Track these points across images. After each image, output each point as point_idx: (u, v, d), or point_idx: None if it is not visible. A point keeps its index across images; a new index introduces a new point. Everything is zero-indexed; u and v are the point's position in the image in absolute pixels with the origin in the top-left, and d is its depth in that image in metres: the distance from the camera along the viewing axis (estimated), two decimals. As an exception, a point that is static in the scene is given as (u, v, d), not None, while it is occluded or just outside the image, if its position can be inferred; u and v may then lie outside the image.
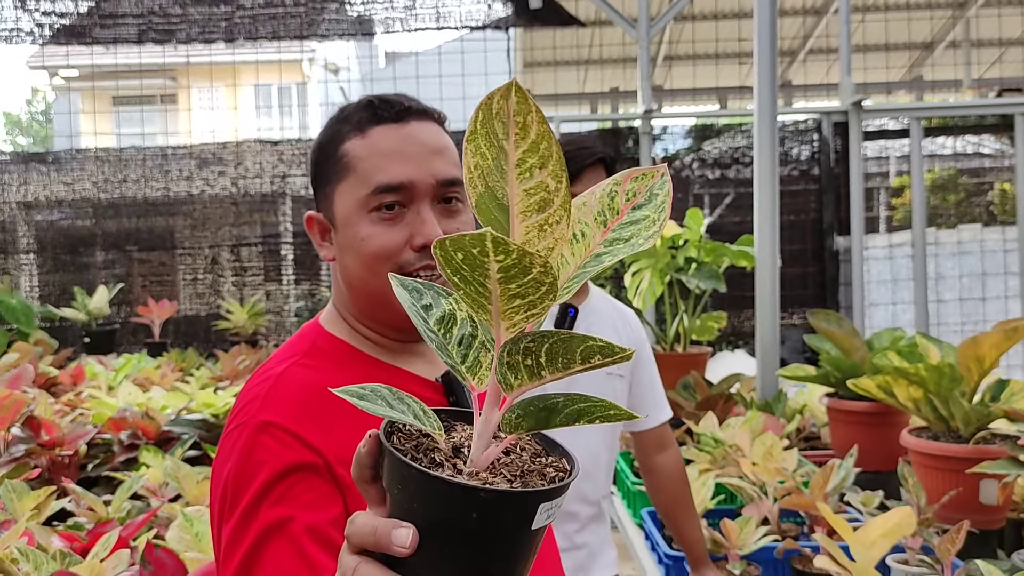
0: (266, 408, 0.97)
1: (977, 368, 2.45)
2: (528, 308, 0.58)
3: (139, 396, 3.92)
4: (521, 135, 0.57)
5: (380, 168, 1.03)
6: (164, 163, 6.86)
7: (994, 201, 8.36)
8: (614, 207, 0.65)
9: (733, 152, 6.83)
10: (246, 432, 0.96)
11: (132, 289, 7.05)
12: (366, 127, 1.05)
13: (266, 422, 0.95)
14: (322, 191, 1.10)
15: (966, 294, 6.44)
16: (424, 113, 1.08)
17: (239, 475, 0.93)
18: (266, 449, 0.94)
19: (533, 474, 0.63)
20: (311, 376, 1.01)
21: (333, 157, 1.07)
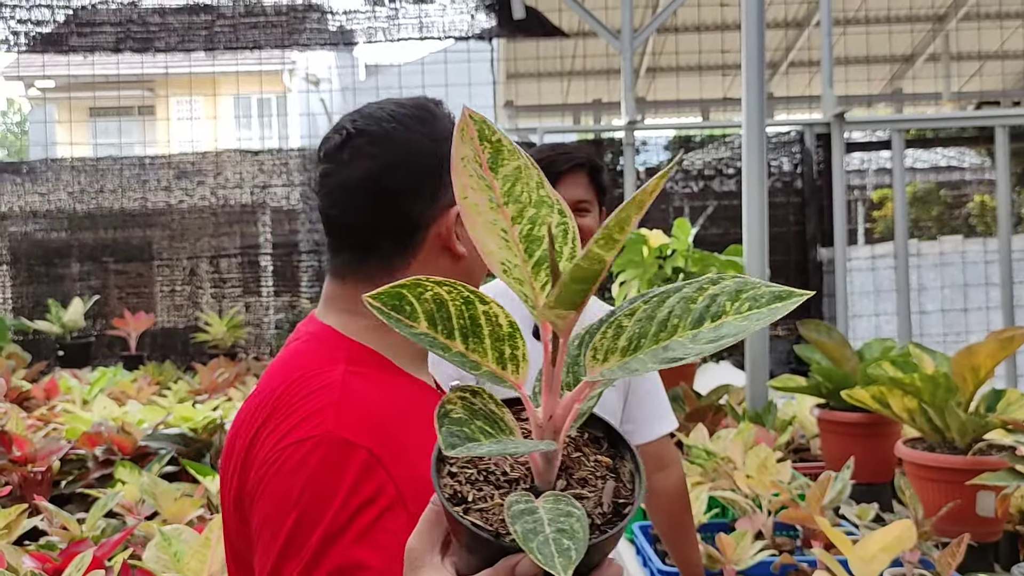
0: (342, 423, 0.89)
1: (972, 378, 2.42)
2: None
3: (115, 410, 3.83)
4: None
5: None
6: (142, 173, 6.76)
7: (973, 213, 8.43)
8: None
9: (716, 163, 6.83)
10: (323, 449, 0.87)
11: (108, 301, 6.92)
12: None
13: (347, 441, 0.87)
14: (441, 187, 1.04)
15: (948, 305, 6.46)
16: None
17: (317, 497, 0.85)
18: (350, 474, 0.86)
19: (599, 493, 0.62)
20: (370, 388, 0.95)
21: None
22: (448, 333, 0.63)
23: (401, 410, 0.95)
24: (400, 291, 0.62)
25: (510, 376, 0.63)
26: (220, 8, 6.49)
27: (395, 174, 1.02)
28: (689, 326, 0.59)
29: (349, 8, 6.72)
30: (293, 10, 6.71)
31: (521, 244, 0.62)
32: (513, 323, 0.63)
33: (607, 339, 0.61)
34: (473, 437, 0.59)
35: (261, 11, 6.58)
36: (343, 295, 1.05)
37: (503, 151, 0.63)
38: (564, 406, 0.62)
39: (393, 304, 0.62)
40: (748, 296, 0.59)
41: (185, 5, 6.49)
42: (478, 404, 0.62)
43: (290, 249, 7.00)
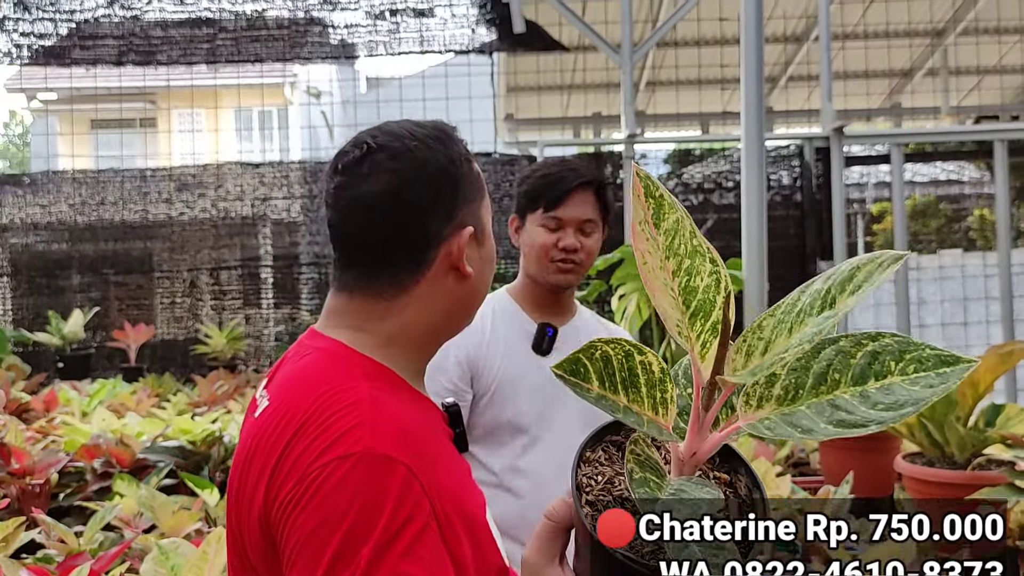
0: (379, 439, 0.89)
1: (972, 393, 2.42)
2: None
3: (113, 422, 3.82)
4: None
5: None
6: (143, 185, 6.77)
7: (973, 227, 8.44)
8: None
9: (716, 177, 6.85)
10: (365, 465, 0.87)
11: (108, 313, 6.92)
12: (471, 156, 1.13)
13: (388, 457, 0.88)
14: (469, 206, 1.08)
15: (948, 319, 6.46)
16: None
17: (364, 513, 0.85)
18: (393, 490, 0.87)
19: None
20: (395, 405, 0.95)
21: (469, 175, 1.08)
22: (614, 388, 0.69)
23: (424, 425, 0.97)
24: (576, 356, 0.70)
25: (661, 420, 0.69)
26: (222, 21, 6.52)
27: (414, 189, 1.03)
28: (851, 382, 0.62)
29: (351, 22, 6.75)
30: (295, 24, 6.74)
31: (680, 297, 0.67)
32: (664, 368, 0.69)
33: (760, 386, 0.64)
34: (654, 493, 0.64)
35: (263, 24, 6.61)
36: (350, 310, 1.05)
37: (664, 205, 0.68)
38: (712, 443, 0.67)
39: (571, 369, 0.70)
40: (913, 357, 0.62)
41: (187, 18, 6.52)
42: (641, 454, 0.67)
43: (290, 261, 7.00)
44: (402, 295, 1.04)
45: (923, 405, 0.58)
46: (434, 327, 1.07)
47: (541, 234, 1.80)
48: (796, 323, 0.63)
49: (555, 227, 1.79)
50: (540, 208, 1.80)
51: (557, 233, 1.79)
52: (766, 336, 0.64)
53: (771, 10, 7.19)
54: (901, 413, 0.58)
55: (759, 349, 0.63)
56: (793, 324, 0.63)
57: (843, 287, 0.62)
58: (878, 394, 0.60)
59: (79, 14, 6.45)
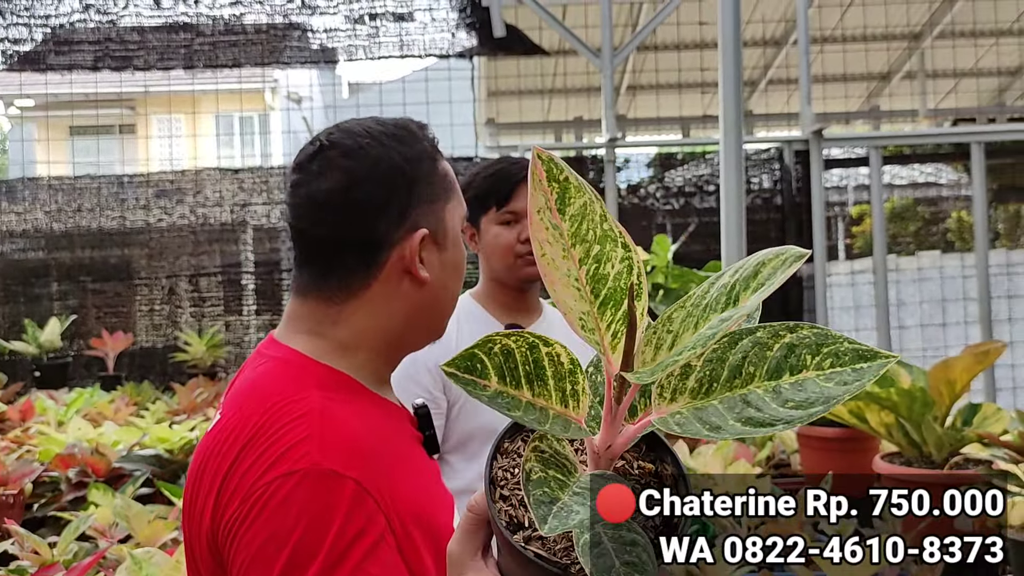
0: (326, 454, 0.87)
1: (948, 392, 2.43)
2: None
3: (89, 431, 3.77)
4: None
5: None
6: (120, 192, 6.72)
7: (951, 229, 8.51)
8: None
9: (697, 181, 6.87)
10: (311, 482, 0.85)
11: (86, 321, 6.85)
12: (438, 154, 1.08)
13: (335, 472, 0.86)
14: (432, 205, 1.04)
15: (927, 320, 6.50)
16: None
17: (310, 531, 0.83)
18: (341, 506, 0.84)
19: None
20: (348, 414, 0.92)
21: (433, 175, 1.04)
22: (516, 383, 0.64)
23: (379, 434, 0.94)
24: (471, 351, 0.64)
25: (571, 413, 0.65)
26: (200, 26, 6.49)
27: (364, 188, 1.00)
28: (765, 376, 0.59)
29: (330, 26, 6.74)
30: (274, 28, 6.71)
31: (588, 285, 0.63)
32: (575, 360, 0.65)
33: (674, 378, 0.62)
34: (555, 495, 0.60)
35: (241, 29, 6.58)
36: (305, 315, 1.03)
37: (569, 189, 0.63)
38: (626, 436, 0.64)
39: (465, 366, 0.64)
40: (829, 351, 0.59)
41: (164, 23, 6.48)
42: (547, 451, 0.64)
43: (271, 268, 6.96)
44: (352, 299, 1.01)
45: (833, 404, 0.56)
46: (393, 334, 1.03)
47: (501, 233, 1.79)
48: (702, 318, 0.60)
49: (512, 221, 1.79)
50: (492, 207, 1.80)
51: (516, 227, 1.79)
52: (675, 329, 0.61)
53: (750, 14, 7.24)
54: (810, 412, 0.56)
55: (667, 343, 0.61)
56: (699, 319, 0.60)
57: (747, 283, 0.60)
58: (791, 390, 0.57)
59: (54, 19, 6.40)
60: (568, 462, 0.64)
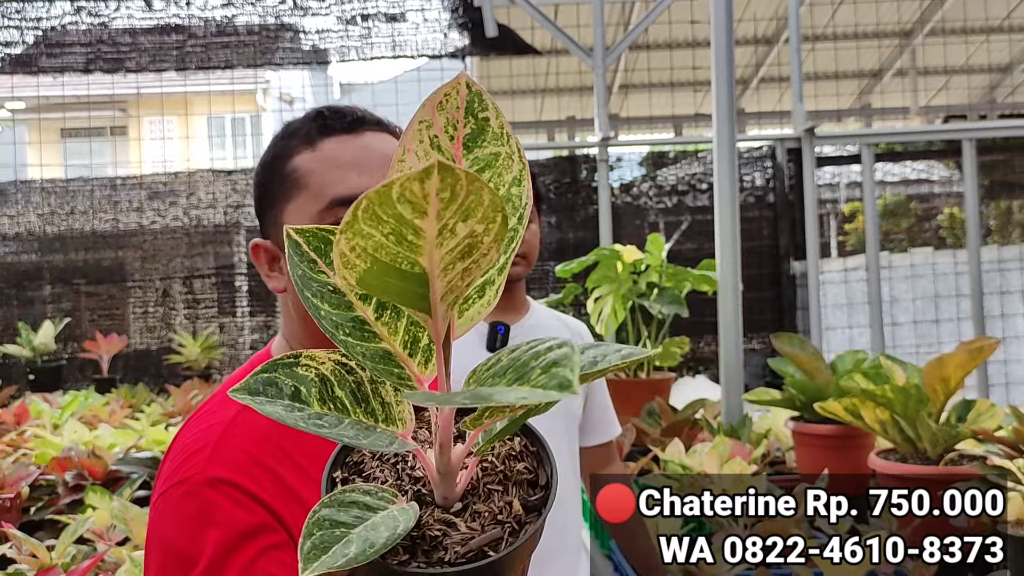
0: (214, 462, 0.85)
1: (943, 389, 2.45)
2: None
3: (85, 434, 3.77)
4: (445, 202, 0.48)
5: (335, 180, 0.94)
6: (113, 194, 6.70)
7: (943, 225, 8.55)
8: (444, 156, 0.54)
9: (689, 179, 6.89)
10: (190, 492, 0.84)
11: (80, 324, 6.84)
12: (316, 139, 0.97)
13: (216, 479, 0.84)
14: (269, 214, 1.00)
15: (920, 316, 6.54)
16: (379, 124, 1.00)
17: (187, 542, 0.82)
18: (219, 510, 0.82)
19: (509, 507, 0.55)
20: (263, 419, 0.92)
21: (280, 175, 0.98)
22: (364, 295, 0.57)
23: (293, 434, 0.92)
24: (332, 233, 0.58)
25: (415, 365, 0.57)
26: (191, 28, 6.47)
27: (254, 192, 1.05)
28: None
29: (322, 27, 6.73)
30: (265, 29, 6.70)
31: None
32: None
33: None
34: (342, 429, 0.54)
35: (233, 31, 6.56)
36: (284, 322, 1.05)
37: (488, 132, 0.55)
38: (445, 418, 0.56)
39: (318, 246, 0.59)
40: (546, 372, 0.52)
41: (156, 25, 6.46)
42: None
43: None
44: (288, 296, 1.01)
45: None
46: (313, 342, 0.96)
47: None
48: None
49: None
50: None
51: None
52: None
53: (741, 12, 7.26)
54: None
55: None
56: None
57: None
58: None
59: (45, 22, 6.38)
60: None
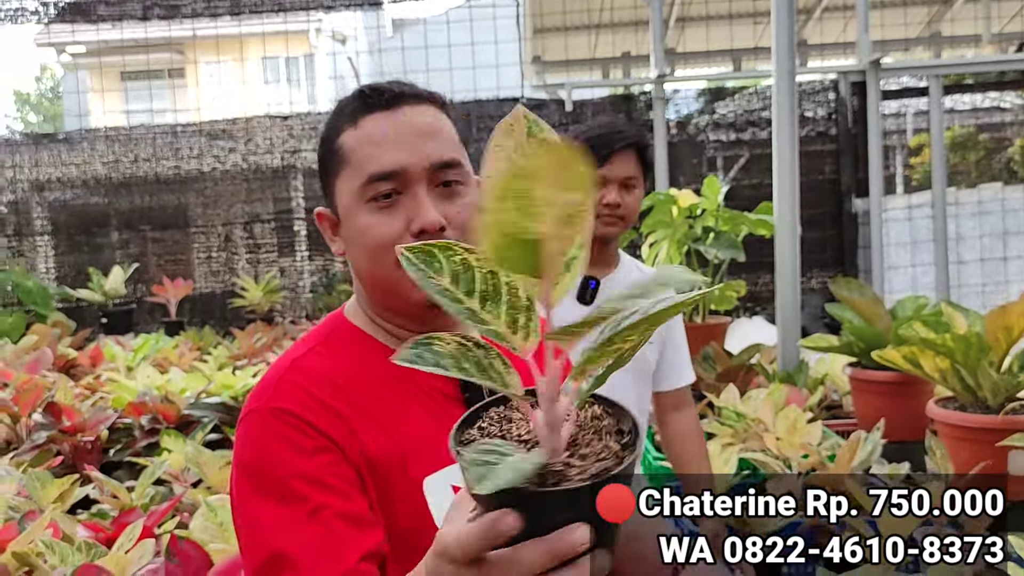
0: (277, 396, 0.98)
1: (1005, 338, 2.40)
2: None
3: (158, 379, 3.93)
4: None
5: (371, 157, 1.02)
6: (174, 141, 6.83)
7: (1014, 158, 8.23)
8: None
9: (748, 115, 6.73)
10: (259, 419, 0.97)
11: (147, 268, 7.06)
12: (358, 117, 1.04)
13: (278, 408, 0.96)
14: (327, 185, 1.09)
15: (987, 254, 6.35)
16: (417, 97, 1.06)
17: (258, 462, 0.95)
18: (281, 436, 0.95)
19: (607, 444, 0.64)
20: (323, 364, 1.02)
21: (331, 150, 1.06)
22: (468, 292, 0.67)
23: (356, 379, 1.01)
24: (430, 247, 0.68)
25: (518, 340, 0.66)
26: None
27: (318, 162, 1.13)
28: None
29: (373, -34, 6.67)
30: (317, -30, 6.67)
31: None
32: (531, 297, 0.66)
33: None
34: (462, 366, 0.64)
35: (285, -28, 6.55)
36: (354, 282, 1.14)
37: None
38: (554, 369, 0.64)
39: (424, 259, 0.68)
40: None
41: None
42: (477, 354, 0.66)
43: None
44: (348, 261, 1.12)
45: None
46: (372, 300, 1.08)
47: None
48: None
49: (600, 184, 1.92)
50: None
51: (602, 190, 1.92)
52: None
53: (804, -62, 6.97)
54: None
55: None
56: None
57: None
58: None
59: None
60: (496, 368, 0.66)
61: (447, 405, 1.03)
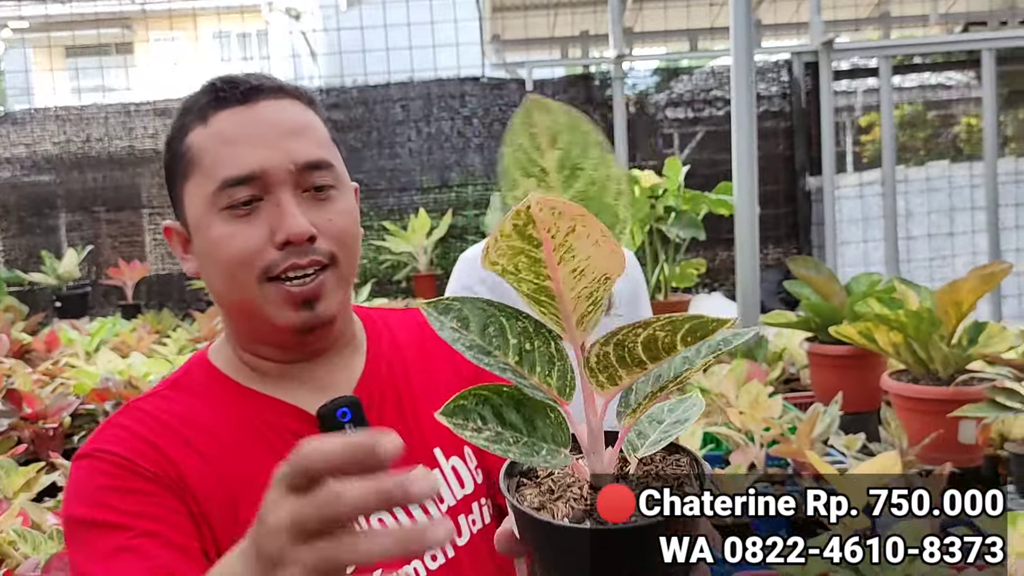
0: (101, 439, 0.89)
1: (955, 312, 2.50)
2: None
3: (119, 363, 3.89)
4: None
5: (225, 158, 0.88)
6: (127, 120, 6.70)
7: (960, 136, 8.44)
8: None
9: (704, 93, 6.81)
10: (81, 463, 0.88)
11: (101, 251, 6.93)
12: (208, 114, 0.90)
13: (99, 450, 0.88)
14: (174, 194, 0.94)
15: (935, 230, 6.53)
16: (279, 91, 0.92)
17: (68, 503, 0.87)
18: (91, 472, 0.87)
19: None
20: (161, 406, 0.92)
21: (178, 154, 0.92)
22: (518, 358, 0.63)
23: (190, 419, 0.91)
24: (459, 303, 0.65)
25: (557, 393, 0.63)
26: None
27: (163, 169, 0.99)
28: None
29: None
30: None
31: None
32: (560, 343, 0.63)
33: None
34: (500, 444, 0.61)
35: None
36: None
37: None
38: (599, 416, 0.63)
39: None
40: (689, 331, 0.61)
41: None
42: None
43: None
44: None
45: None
46: (232, 327, 0.96)
47: None
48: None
49: None
50: None
51: None
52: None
53: (759, -82, 7.04)
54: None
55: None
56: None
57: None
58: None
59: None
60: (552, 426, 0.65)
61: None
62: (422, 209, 6.14)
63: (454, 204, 6.37)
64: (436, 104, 6.20)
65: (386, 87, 6.32)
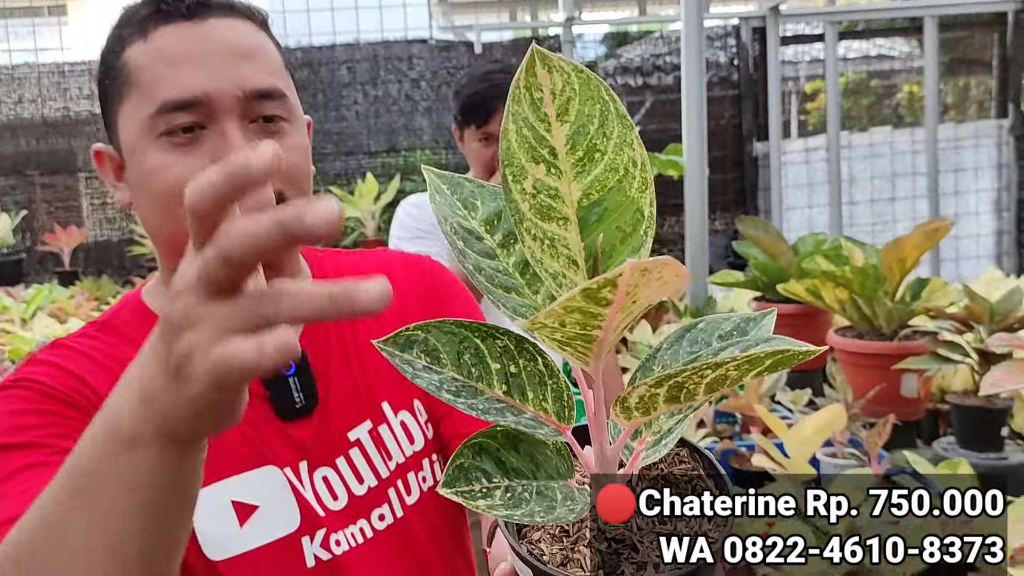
0: (19, 372, 0.85)
1: (899, 269, 2.55)
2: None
3: (56, 328, 3.78)
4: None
5: (166, 79, 0.79)
6: (62, 81, 6.46)
7: (902, 103, 8.60)
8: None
9: (654, 59, 6.81)
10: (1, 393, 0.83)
11: (36, 216, 6.70)
12: (149, 28, 0.81)
13: (13, 380, 0.83)
14: (108, 115, 0.86)
15: (877, 195, 6.66)
16: (230, 8, 0.83)
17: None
18: (10, 399, 0.82)
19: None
20: (87, 343, 0.88)
21: (113, 70, 0.83)
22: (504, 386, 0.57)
23: (119, 357, 0.86)
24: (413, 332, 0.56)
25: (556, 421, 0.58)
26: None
27: (97, 87, 0.90)
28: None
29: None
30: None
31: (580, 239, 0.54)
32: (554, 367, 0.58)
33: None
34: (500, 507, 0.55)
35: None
36: None
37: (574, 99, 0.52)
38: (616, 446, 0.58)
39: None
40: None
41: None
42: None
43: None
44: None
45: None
46: (163, 262, 0.90)
47: (479, 148, 1.95)
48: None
49: (487, 141, 1.93)
50: (472, 125, 1.94)
51: (492, 146, 1.92)
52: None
53: None
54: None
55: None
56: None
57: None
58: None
59: None
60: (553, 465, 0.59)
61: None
62: (369, 174, 6.04)
63: (402, 169, 6.29)
64: (383, 66, 6.08)
65: (331, 48, 6.18)
